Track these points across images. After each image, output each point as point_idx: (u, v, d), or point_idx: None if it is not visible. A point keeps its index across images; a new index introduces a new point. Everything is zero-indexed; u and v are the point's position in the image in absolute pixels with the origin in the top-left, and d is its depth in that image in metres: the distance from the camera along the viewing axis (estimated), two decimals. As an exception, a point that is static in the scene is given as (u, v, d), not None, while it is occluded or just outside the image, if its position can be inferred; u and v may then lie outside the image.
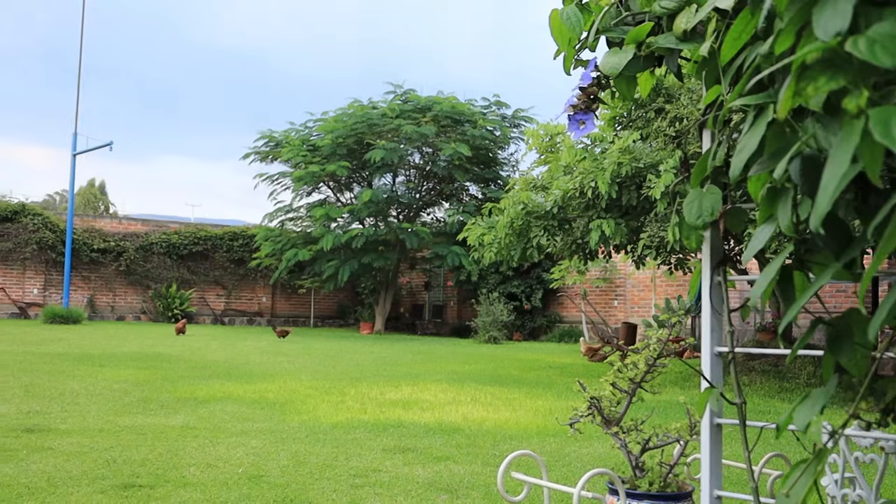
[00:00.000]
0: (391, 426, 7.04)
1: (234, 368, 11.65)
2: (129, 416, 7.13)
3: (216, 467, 5.27)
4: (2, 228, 23.74)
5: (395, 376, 11.19)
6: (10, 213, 23.94)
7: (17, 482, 4.71)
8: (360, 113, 22.82)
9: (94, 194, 51.71)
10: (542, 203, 10.76)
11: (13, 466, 5.08)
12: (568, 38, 2.16)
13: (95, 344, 15.14)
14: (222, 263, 26.73)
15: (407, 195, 24.44)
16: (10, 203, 25.13)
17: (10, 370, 10.28)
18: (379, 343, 18.98)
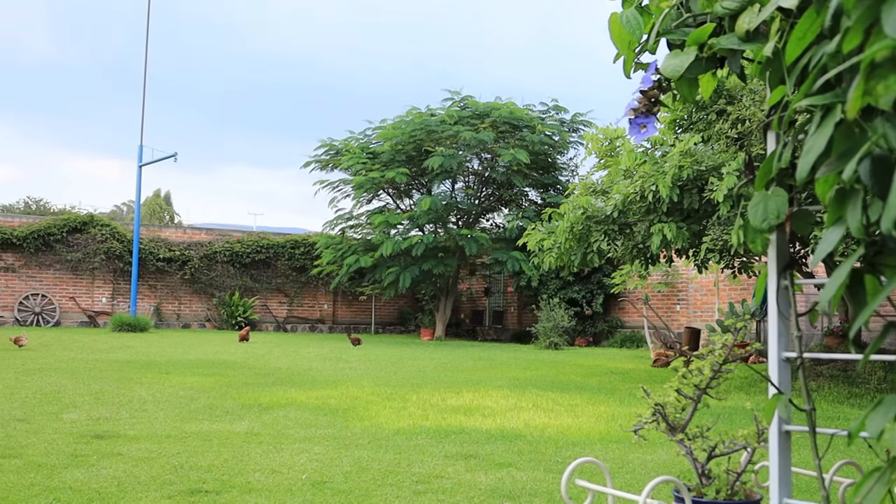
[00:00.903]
0: (453, 432, 7.04)
1: (296, 375, 11.77)
2: (195, 423, 7.24)
3: (280, 473, 5.32)
4: (72, 239, 24.34)
5: (457, 382, 11.19)
6: (80, 223, 24.54)
7: (88, 487, 4.81)
8: (418, 120, 22.90)
9: (159, 204, 52.76)
10: (603, 207, 10.68)
11: (84, 471, 5.20)
12: (628, 42, 2.14)
13: (162, 351, 15.41)
14: (284, 271, 27.03)
15: (466, 201, 24.46)
16: (79, 214, 25.78)
17: (80, 377, 10.52)
18: (440, 349, 19.00)
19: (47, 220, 24.85)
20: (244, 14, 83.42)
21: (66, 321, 24.25)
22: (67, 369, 11.50)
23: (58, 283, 24.36)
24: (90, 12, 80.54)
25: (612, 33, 2.16)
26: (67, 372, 11.15)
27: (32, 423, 6.94)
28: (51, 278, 24.28)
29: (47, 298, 24.07)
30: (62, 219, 24.84)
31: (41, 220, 24.91)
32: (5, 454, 5.62)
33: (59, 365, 12.11)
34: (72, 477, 5.05)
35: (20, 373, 10.85)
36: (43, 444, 6.05)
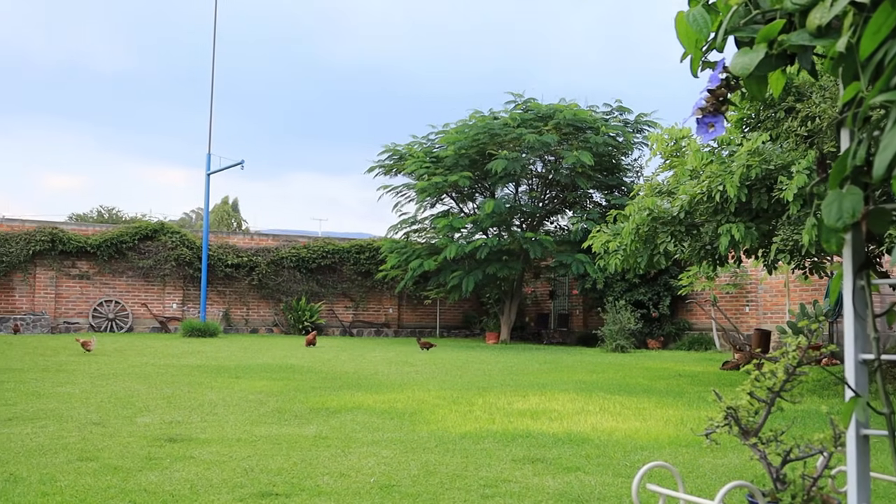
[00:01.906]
0: (520, 436, 7.02)
1: (363, 379, 11.85)
2: (264, 426, 7.34)
3: (349, 476, 5.36)
4: (143, 246, 24.89)
5: (523, 386, 11.15)
6: (151, 231, 25.08)
7: (162, 489, 4.91)
8: (481, 123, 22.90)
9: (227, 211, 53.64)
10: (669, 208, 10.56)
11: (158, 474, 5.30)
12: (695, 40, 2.12)
13: (231, 356, 15.66)
14: (350, 276, 27.26)
15: (530, 204, 24.39)
16: (150, 222, 26.36)
17: (152, 382, 10.74)
18: (505, 353, 18.96)
19: (119, 228, 25.44)
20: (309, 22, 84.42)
21: (138, 327, 24.79)
22: (140, 374, 11.75)
23: (130, 289, 24.91)
24: (160, 23, 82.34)
25: (678, 32, 2.14)
26: (140, 377, 11.39)
27: (108, 427, 7.10)
28: (123, 285, 24.85)
29: (120, 305, 24.63)
30: (134, 227, 25.42)
31: (114, 228, 25.51)
32: (83, 457, 5.76)
33: (132, 370, 12.38)
34: (146, 479, 5.15)
35: (95, 377, 11.12)
36: (118, 447, 6.19)
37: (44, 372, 11.73)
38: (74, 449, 6.07)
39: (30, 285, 23.77)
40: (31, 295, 23.77)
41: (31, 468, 5.39)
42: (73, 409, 8.17)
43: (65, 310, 24.13)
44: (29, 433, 6.70)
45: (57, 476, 5.19)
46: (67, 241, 23.92)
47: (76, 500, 4.65)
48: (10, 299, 23.61)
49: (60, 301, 24.10)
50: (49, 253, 23.81)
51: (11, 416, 7.55)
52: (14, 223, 24.02)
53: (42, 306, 23.70)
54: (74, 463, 5.59)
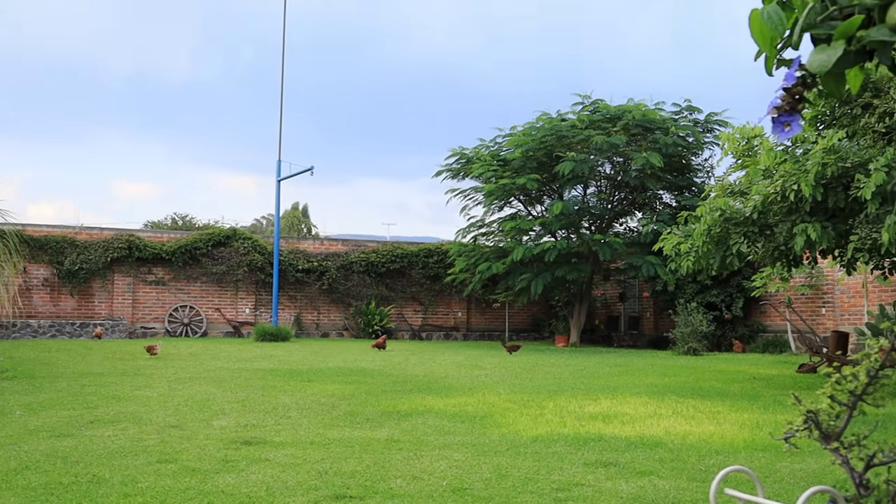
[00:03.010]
0: (591, 440, 6.97)
1: (433, 382, 11.89)
2: (337, 429, 7.42)
3: (421, 479, 5.39)
4: (216, 252, 25.35)
5: (593, 389, 11.07)
6: (223, 237, 25.55)
7: (239, 491, 5.00)
8: (548, 126, 22.79)
9: (297, 217, 54.32)
10: (741, 209, 10.38)
11: (234, 476, 5.40)
12: (770, 38, 2.09)
13: (303, 360, 15.85)
14: (418, 280, 27.37)
15: (598, 206, 24.20)
16: (222, 228, 26.87)
17: (227, 386, 10.94)
18: (575, 356, 18.85)
19: (193, 234, 25.96)
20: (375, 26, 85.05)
21: (212, 331, 25.25)
22: (215, 378, 11.98)
23: (204, 294, 25.40)
24: (228, 31, 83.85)
25: (752, 30, 2.11)
26: (215, 380, 11.61)
27: (185, 430, 7.26)
28: (197, 290, 25.34)
29: (195, 310, 25.12)
30: (207, 233, 25.92)
31: (188, 235, 26.04)
32: (162, 459, 5.90)
33: (207, 374, 12.62)
34: (223, 481, 5.25)
35: (172, 381, 11.37)
36: (196, 449, 6.32)
37: (122, 376, 12.03)
38: (154, 451, 6.22)
39: (108, 291, 24.40)
40: (109, 301, 24.39)
41: (112, 470, 5.53)
42: (151, 412, 8.36)
43: (142, 315, 24.71)
44: (110, 436, 6.88)
45: (138, 477, 5.32)
46: (143, 248, 24.49)
47: (157, 501, 4.76)
48: (90, 305, 24.26)
49: (137, 306, 24.68)
50: (126, 260, 24.40)
51: (93, 419, 7.77)
52: (93, 231, 24.68)
53: (120, 312, 24.31)
54: (154, 465, 5.72)
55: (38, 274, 23.63)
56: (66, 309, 23.96)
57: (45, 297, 23.77)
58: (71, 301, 24.00)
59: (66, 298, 23.97)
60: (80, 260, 23.73)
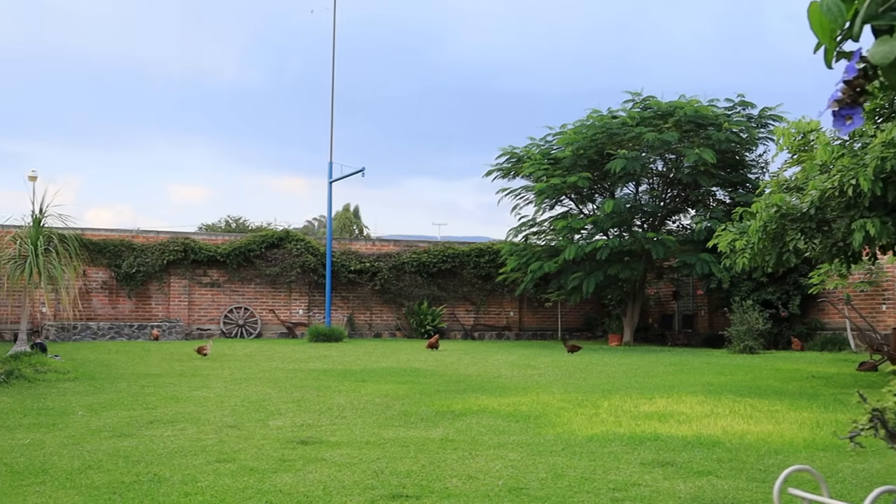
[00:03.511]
0: (647, 439, 6.92)
1: (487, 382, 11.89)
2: (392, 429, 7.46)
3: (477, 479, 5.39)
4: (269, 254, 25.61)
5: (648, 388, 10.98)
6: (277, 239, 25.80)
7: (297, 490, 5.05)
8: (599, 123, 22.65)
9: (348, 218, 54.69)
10: (798, 204, 10.22)
11: (292, 476, 5.46)
12: (829, 30, 2.05)
13: (356, 360, 15.95)
14: (470, 279, 27.36)
15: (651, 204, 23.99)
16: (275, 230, 27.14)
17: (282, 386, 11.05)
18: (628, 355, 18.71)
19: (247, 237, 26.26)
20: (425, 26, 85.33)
21: (266, 332, 25.52)
22: (270, 378, 12.11)
23: (258, 296, 25.68)
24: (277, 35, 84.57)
25: (811, 22, 2.08)
26: (270, 381, 11.73)
27: (242, 430, 7.35)
28: (252, 292, 25.63)
29: (249, 311, 25.42)
30: (260, 235, 26.20)
31: (241, 237, 26.35)
32: (221, 459, 5.98)
33: (262, 374, 12.77)
34: (281, 481, 5.31)
35: (228, 382, 11.52)
36: (253, 449, 6.40)
37: (180, 377, 12.22)
38: (212, 451, 6.31)
39: (165, 294, 24.79)
40: (166, 303, 24.78)
41: (172, 469, 5.63)
42: (209, 412, 8.48)
43: (198, 317, 25.06)
44: (169, 435, 7.00)
45: (197, 477, 5.40)
46: (199, 251, 24.84)
47: (216, 499, 4.83)
48: (147, 307, 24.68)
49: (193, 308, 25.04)
50: (182, 262, 24.77)
51: (153, 420, 7.90)
52: (149, 234, 25.10)
53: (177, 313, 24.69)
54: (213, 464, 5.81)
55: (97, 277, 24.10)
56: (125, 311, 24.40)
57: (104, 299, 24.23)
58: (129, 303, 24.44)
59: (124, 301, 24.41)
60: (137, 263, 24.15)
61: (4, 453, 6.14)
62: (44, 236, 13.44)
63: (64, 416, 8.14)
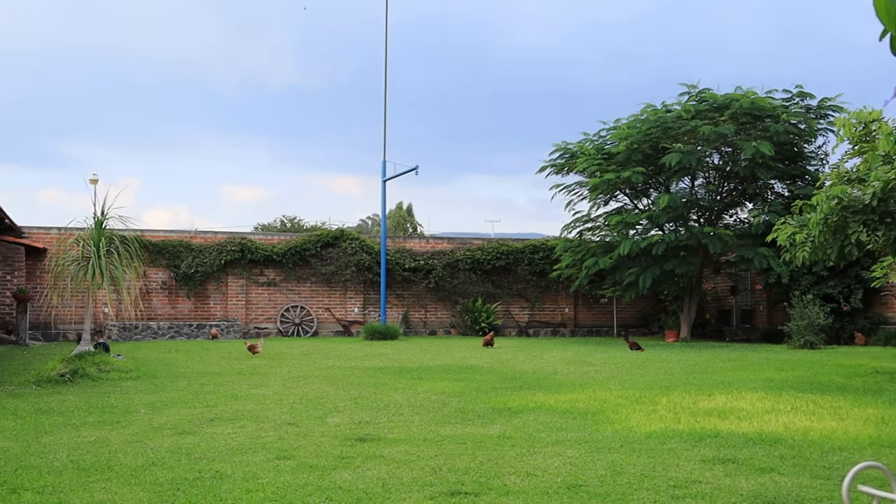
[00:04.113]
0: (707, 436, 6.84)
1: (543, 379, 11.85)
2: (449, 426, 7.47)
3: (535, 476, 5.38)
4: (325, 253, 25.82)
5: (707, 384, 10.85)
6: (331, 238, 25.99)
7: (356, 487, 5.09)
8: (653, 117, 22.42)
9: (402, 216, 54.89)
10: (860, 196, 10.01)
11: (351, 473, 5.49)
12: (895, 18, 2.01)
13: (412, 358, 16.00)
14: (524, 276, 27.30)
15: (707, 198, 23.69)
16: (330, 230, 27.33)
17: (339, 384, 11.13)
18: (686, 351, 18.51)
19: (302, 236, 26.49)
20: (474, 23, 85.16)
21: (322, 331, 25.74)
22: (327, 376, 12.20)
23: (314, 295, 25.90)
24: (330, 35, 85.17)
25: (877, 10, 2.04)
26: (328, 379, 11.83)
27: (301, 427, 7.42)
28: (308, 291, 25.87)
29: (305, 310, 25.65)
30: (315, 235, 26.42)
31: (297, 236, 26.59)
32: (281, 456, 6.05)
33: (319, 372, 12.87)
34: (340, 478, 5.35)
35: (286, 380, 11.64)
36: (312, 446, 6.46)
37: (239, 375, 12.37)
38: (272, 448, 6.38)
39: (222, 293, 25.13)
40: (224, 302, 25.12)
41: (234, 466, 5.70)
42: (268, 409, 8.58)
43: (255, 316, 25.37)
44: (230, 433, 7.09)
45: (258, 473, 5.47)
46: (255, 251, 25.13)
47: (277, 496, 4.88)
48: (206, 307, 25.05)
49: (250, 307, 25.34)
50: (239, 262, 25.08)
51: (213, 417, 8.02)
52: (206, 235, 25.46)
53: (234, 313, 25.01)
54: (273, 461, 5.87)
55: (156, 278, 24.52)
56: (184, 311, 24.79)
57: (164, 299, 24.65)
58: (188, 303, 24.82)
59: (183, 301, 24.80)
60: (195, 263, 24.51)
61: (71, 450, 6.28)
62: (105, 238, 13.71)
63: (127, 413, 8.30)
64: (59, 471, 5.56)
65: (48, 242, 22.78)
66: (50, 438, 6.83)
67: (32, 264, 22.49)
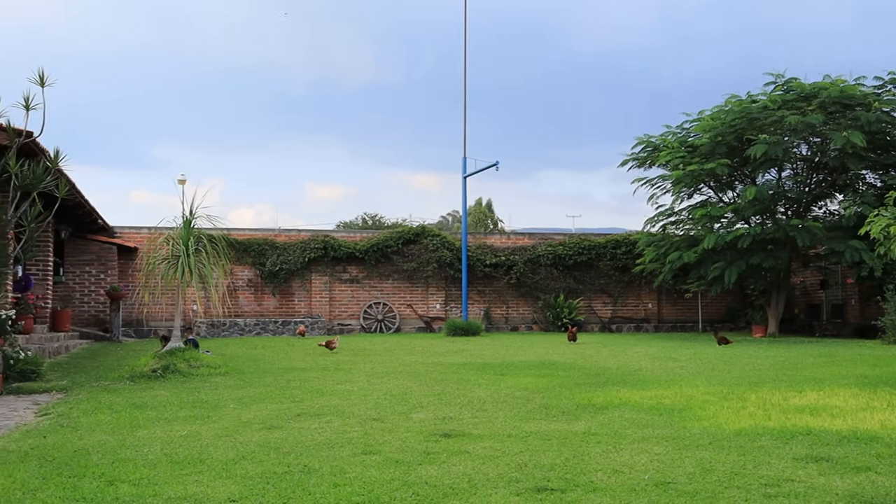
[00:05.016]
0: (799, 433, 6.67)
1: (627, 375, 11.73)
2: (533, 422, 7.44)
3: (622, 473, 5.32)
4: (406, 250, 26.01)
5: (797, 381, 10.59)
6: (413, 235, 26.17)
7: (442, 483, 5.10)
8: (738, 108, 21.97)
9: (482, 212, 54.90)
10: (959, 186, 9.64)
11: (436, 468, 5.52)
12: None
13: (494, 354, 16.00)
14: (606, 271, 27.06)
15: (795, 189, 23.09)
16: (411, 226, 27.52)
17: (423, 380, 11.19)
18: (774, 346, 18.10)
19: (384, 233, 26.73)
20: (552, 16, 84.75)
21: (404, 327, 25.93)
22: (411, 372, 12.28)
23: (396, 291, 26.12)
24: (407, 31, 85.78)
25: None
26: (411, 374, 11.90)
27: (386, 423, 7.48)
28: (390, 287, 26.09)
29: (388, 306, 25.88)
30: (397, 232, 26.63)
31: (378, 234, 26.85)
32: (366, 451, 6.11)
33: (403, 368, 12.96)
34: (426, 473, 5.38)
35: (370, 376, 11.75)
36: (397, 441, 6.50)
37: (324, 371, 12.54)
38: (358, 443, 6.44)
39: (307, 290, 25.53)
40: (308, 299, 25.52)
41: (321, 460, 5.78)
42: (353, 405, 8.67)
43: (338, 312, 25.70)
44: (316, 428, 7.19)
45: (345, 468, 5.53)
46: (338, 248, 25.46)
47: (364, 490, 4.93)
48: (290, 303, 25.48)
49: (334, 304, 25.68)
50: (322, 259, 25.44)
51: (300, 412, 8.14)
52: (290, 233, 25.89)
53: (318, 309, 25.38)
54: (359, 456, 5.93)
55: (242, 275, 25.04)
56: (269, 308, 25.27)
57: (250, 296, 25.16)
58: (273, 300, 25.29)
59: (269, 298, 25.27)
60: (280, 261, 24.95)
61: (164, 444, 6.44)
62: (194, 237, 14.00)
63: (217, 408, 8.48)
64: (153, 464, 5.71)
65: (139, 242, 23.46)
66: (144, 432, 7.03)
67: (124, 263, 23.17)
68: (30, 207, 11.12)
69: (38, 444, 6.49)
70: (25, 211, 11.10)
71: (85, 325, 21.32)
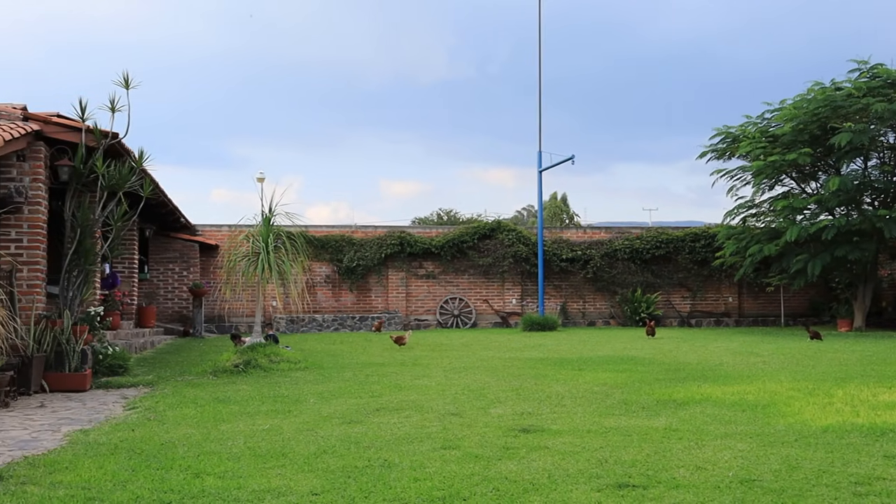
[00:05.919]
0: (890, 430, 6.48)
1: (708, 370, 11.54)
2: (612, 418, 7.38)
3: (705, 470, 5.24)
4: (482, 245, 26.00)
5: (887, 376, 10.29)
6: (488, 230, 26.15)
7: (521, 478, 5.09)
8: (821, 97, 21.40)
9: (558, 207, 54.53)
10: None
11: (516, 463, 5.51)
12: None
13: (571, 349, 15.90)
14: (685, 265, 26.64)
15: (881, 179, 22.40)
16: (486, 221, 27.47)
17: (500, 375, 11.18)
18: (861, 340, 17.61)
19: (459, 228, 26.74)
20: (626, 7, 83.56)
21: (480, 322, 25.93)
22: (488, 367, 12.28)
23: (472, 286, 26.12)
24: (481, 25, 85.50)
25: None
26: (488, 370, 11.90)
27: (465, 418, 7.49)
28: (465, 283, 26.11)
29: (464, 302, 25.91)
30: (472, 227, 26.62)
31: (454, 229, 26.88)
32: (446, 446, 6.13)
33: (480, 363, 12.97)
34: (505, 468, 5.37)
35: (448, 371, 11.78)
36: (476, 436, 6.51)
37: (401, 366, 12.62)
38: (437, 438, 6.47)
39: (383, 286, 25.72)
40: (385, 295, 25.70)
41: (401, 455, 5.82)
42: (431, 400, 8.71)
43: (415, 308, 25.83)
44: (395, 423, 7.24)
45: (424, 463, 5.56)
46: (414, 244, 25.57)
47: (444, 485, 4.95)
48: (367, 299, 25.70)
49: (410, 299, 25.82)
50: (398, 255, 25.59)
51: (379, 407, 8.21)
52: (367, 230, 26.11)
53: (395, 305, 25.55)
54: (438, 451, 5.95)
55: (320, 272, 25.34)
56: (347, 303, 25.53)
57: (328, 292, 25.45)
58: (350, 296, 25.54)
59: (346, 294, 25.53)
60: (357, 257, 25.18)
61: (247, 438, 6.56)
62: (273, 234, 14.24)
63: (297, 403, 8.60)
64: (237, 457, 5.82)
65: (220, 239, 23.93)
66: (227, 426, 7.16)
67: (206, 260, 23.65)
68: (116, 207, 11.44)
69: (127, 437, 6.67)
70: (112, 210, 11.42)
71: (168, 321, 21.84)
